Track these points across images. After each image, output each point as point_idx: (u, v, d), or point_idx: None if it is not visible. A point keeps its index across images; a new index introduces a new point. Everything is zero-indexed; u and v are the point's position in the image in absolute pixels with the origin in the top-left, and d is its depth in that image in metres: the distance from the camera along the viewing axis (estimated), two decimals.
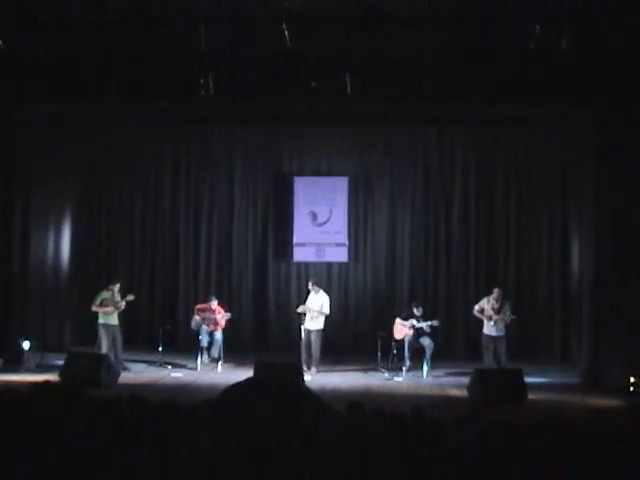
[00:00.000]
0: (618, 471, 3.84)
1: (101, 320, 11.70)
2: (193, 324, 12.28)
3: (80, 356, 10.89)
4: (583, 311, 11.84)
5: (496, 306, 11.42)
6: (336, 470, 2.76)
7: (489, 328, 11.44)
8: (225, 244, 14.38)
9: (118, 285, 11.97)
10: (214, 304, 12.35)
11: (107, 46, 10.55)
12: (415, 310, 11.90)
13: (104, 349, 11.50)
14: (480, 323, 11.70)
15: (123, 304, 11.81)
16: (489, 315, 11.41)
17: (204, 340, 12.17)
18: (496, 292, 11.54)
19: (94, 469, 3.18)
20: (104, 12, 9.86)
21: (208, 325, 12.18)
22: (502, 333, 11.44)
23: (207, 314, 12.25)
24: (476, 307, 11.63)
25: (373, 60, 10.60)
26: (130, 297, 11.89)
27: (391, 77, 10.77)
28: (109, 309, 11.69)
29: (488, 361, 11.40)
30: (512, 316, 11.46)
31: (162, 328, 12.20)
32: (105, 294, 11.80)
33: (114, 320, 11.76)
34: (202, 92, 10.78)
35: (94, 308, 11.72)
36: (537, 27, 9.75)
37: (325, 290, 12.36)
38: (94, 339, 11.89)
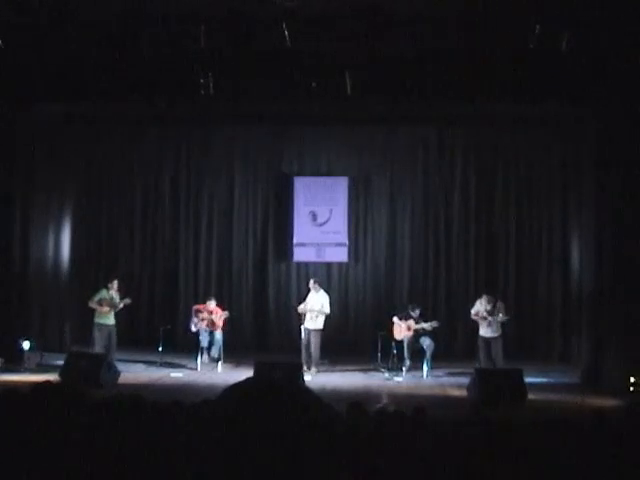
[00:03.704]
0: (618, 471, 3.84)
1: (97, 319, 11.74)
2: (192, 326, 12.28)
3: (80, 356, 10.89)
4: (583, 311, 11.84)
5: (488, 308, 11.51)
6: (336, 470, 2.76)
7: (484, 329, 11.55)
8: (225, 244, 14.39)
9: (116, 282, 11.98)
10: (212, 305, 12.34)
11: (107, 46, 10.55)
12: (412, 312, 11.92)
13: (97, 348, 11.53)
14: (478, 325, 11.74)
15: (121, 305, 11.83)
16: (483, 315, 11.50)
17: (204, 340, 12.17)
18: (484, 298, 11.67)
19: (94, 469, 3.18)
20: (104, 12, 9.86)
21: (207, 326, 12.18)
22: (497, 334, 11.50)
23: (204, 315, 12.24)
24: (472, 311, 11.72)
25: (373, 60, 10.59)
26: (127, 301, 11.92)
27: (391, 77, 10.76)
28: (105, 309, 11.70)
29: (483, 362, 11.46)
30: (506, 316, 11.48)
31: (162, 328, 12.20)
32: (104, 293, 11.82)
33: (110, 320, 11.78)
34: (202, 92, 10.79)
35: (90, 304, 11.76)
36: (537, 27, 9.75)
37: (325, 290, 12.37)
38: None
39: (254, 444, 2.35)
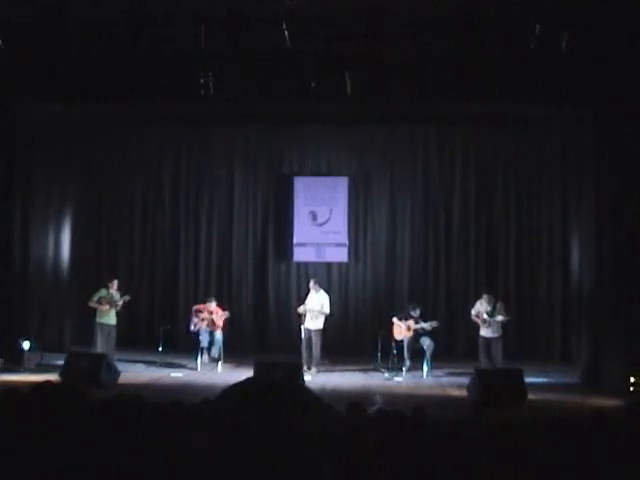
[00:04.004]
0: (618, 471, 3.84)
1: (98, 319, 11.76)
2: (192, 326, 12.29)
3: (80, 356, 10.89)
4: (583, 311, 11.84)
5: (489, 308, 11.58)
6: (336, 470, 2.76)
7: (484, 330, 11.65)
8: (225, 244, 14.39)
9: (116, 282, 12.01)
10: (212, 305, 12.34)
11: (107, 46, 10.55)
12: (412, 312, 11.92)
13: (98, 348, 11.55)
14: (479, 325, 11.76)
15: (120, 303, 11.84)
16: (483, 318, 11.55)
17: (204, 340, 12.17)
18: (485, 297, 11.74)
19: (94, 469, 3.18)
20: (104, 12, 9.86)
21: (207, 326, 12.19)
22: (497, 334, 11.58)
23: (204, 315, 12.24)
24: (473, 312, 11.80)
25: (373, 60, 10.59)
26: (126, 297, 11.96)
27: (391, 77, 10.76)
28: (105, 308, 11.72)
29: (484, 362, 11.54)
30: (506, 317, 11.53)
31: (162, 328, 12.21)
32: (103, 292, 11.86)
33: (112, 320, 11.81)
34: (202, 92, 10.79)
35: (90, 304, 11.79)
36: (537, 27, 9.74)
37: (325, 290, 12.37)
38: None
39: (254, 444, 2.35)
